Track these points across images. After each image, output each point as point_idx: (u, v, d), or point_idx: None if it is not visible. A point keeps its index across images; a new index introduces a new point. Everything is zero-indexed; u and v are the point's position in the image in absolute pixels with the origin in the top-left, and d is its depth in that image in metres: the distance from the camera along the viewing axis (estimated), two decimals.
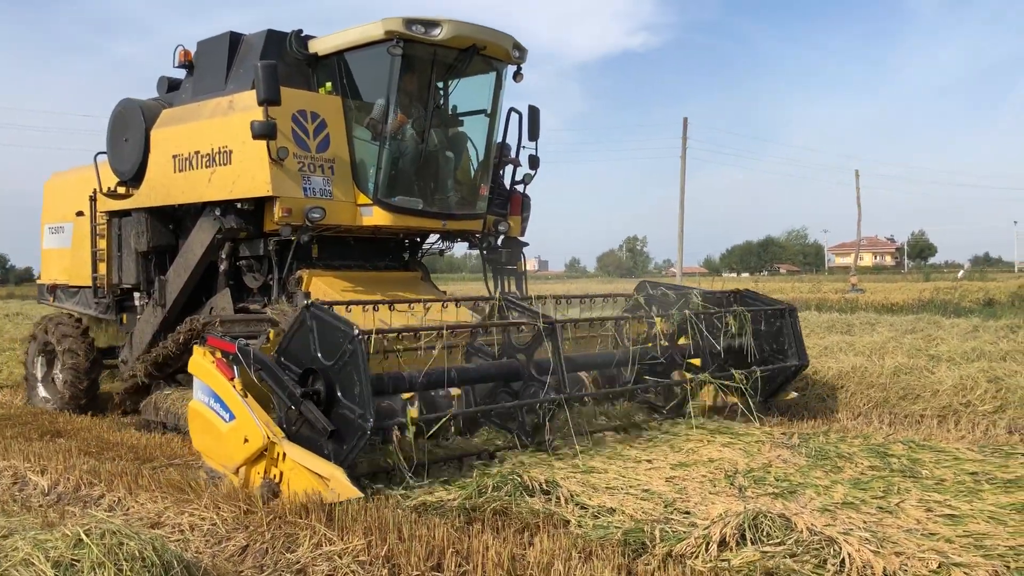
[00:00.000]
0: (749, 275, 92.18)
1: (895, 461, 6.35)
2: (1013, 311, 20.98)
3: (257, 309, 8.35)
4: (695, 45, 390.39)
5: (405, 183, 8.58)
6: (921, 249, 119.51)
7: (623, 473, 6.05)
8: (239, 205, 8.20)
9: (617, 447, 6.95)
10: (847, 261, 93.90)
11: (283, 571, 4.44)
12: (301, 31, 8.63)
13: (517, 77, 9.07)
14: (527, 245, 9.96)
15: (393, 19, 7.98)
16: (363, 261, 9.19)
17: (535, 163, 9.65)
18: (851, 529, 4.66)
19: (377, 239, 9.25)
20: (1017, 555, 4.32)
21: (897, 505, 5.24)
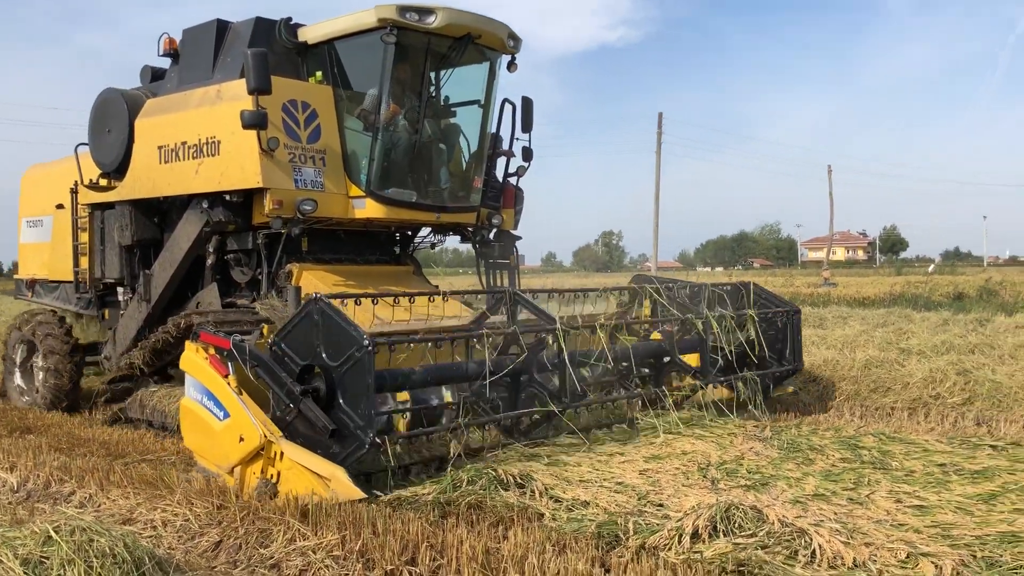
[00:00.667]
0: (723, 269, 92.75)
1: (866, 453, 6.43)
2: (982, 305, 21.25)
3: (245, 304, 8.18)
4: (672, 40, 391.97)
5: (398, 175, 8.41)
6: (893, 244, 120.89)
7: (596, 466, 6.05)
8: (227, 197, 8.04)
9: (595, 443, 6.87)
10: (820, 255, 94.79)
11: (257, 566, 4.42)
12: (290, 19, 8.44)
13: (511, 67, 8.91)
14: (520, 239, 9.81)
15: (387, 6, 7.79)
16: (354, 255, 9.03)
17: (528, 155, 9.52)
18: (822, 520, 4.71)
19: (368, 232, 9.11)
20: (983, 544, 4.40)
21: (867, 496, 5.30)
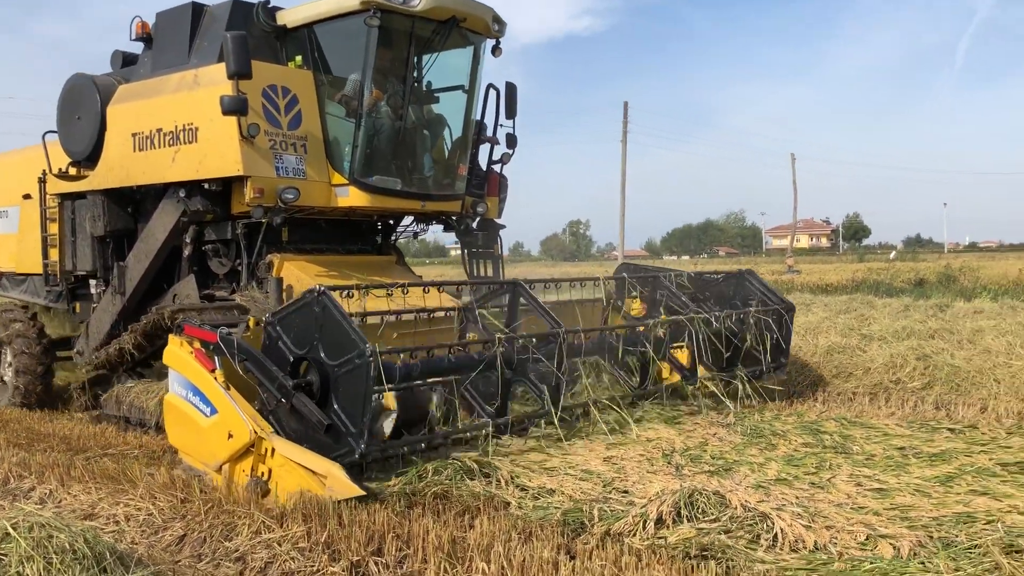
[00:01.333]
0: (689, 258, 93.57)
1: (827, 438, 6.53)
2: (941, 290, 21.62)
3: (224, 296, 8.00)
4: (638, 29, 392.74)
5: (382, 162, 8.25)
6: (856, 231, 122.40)
7: (561, 454, 6.06)
8: (206, 186, 7.82)
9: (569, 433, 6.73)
10: (784, 243, 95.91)
11: (221, 559, 4.39)
12: (268, 1, 8.24)
13: (496, 52, 8.78)
14: (504, 227, 9.68)
15: None
16: (336, 245, 8.85)
17: (513, 142, 9.38)
18: (784, 505, 4.79)
19: (350, 221, 8.95)
20: (939, 525, 4.50)
21: (828, 480, 5.40)
